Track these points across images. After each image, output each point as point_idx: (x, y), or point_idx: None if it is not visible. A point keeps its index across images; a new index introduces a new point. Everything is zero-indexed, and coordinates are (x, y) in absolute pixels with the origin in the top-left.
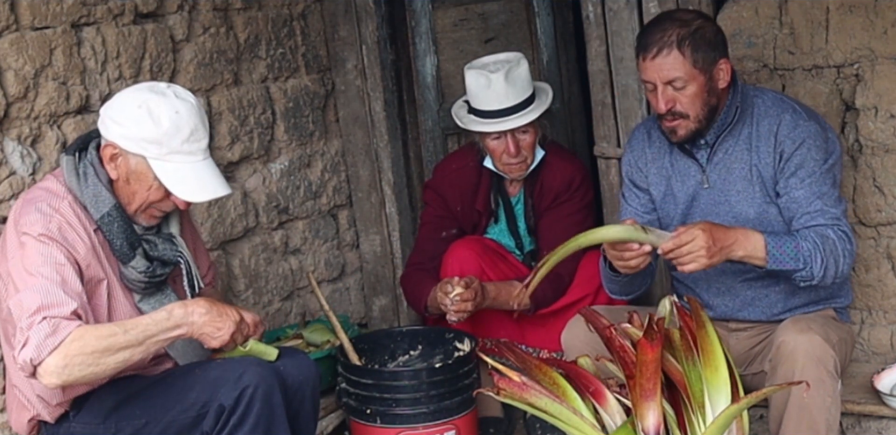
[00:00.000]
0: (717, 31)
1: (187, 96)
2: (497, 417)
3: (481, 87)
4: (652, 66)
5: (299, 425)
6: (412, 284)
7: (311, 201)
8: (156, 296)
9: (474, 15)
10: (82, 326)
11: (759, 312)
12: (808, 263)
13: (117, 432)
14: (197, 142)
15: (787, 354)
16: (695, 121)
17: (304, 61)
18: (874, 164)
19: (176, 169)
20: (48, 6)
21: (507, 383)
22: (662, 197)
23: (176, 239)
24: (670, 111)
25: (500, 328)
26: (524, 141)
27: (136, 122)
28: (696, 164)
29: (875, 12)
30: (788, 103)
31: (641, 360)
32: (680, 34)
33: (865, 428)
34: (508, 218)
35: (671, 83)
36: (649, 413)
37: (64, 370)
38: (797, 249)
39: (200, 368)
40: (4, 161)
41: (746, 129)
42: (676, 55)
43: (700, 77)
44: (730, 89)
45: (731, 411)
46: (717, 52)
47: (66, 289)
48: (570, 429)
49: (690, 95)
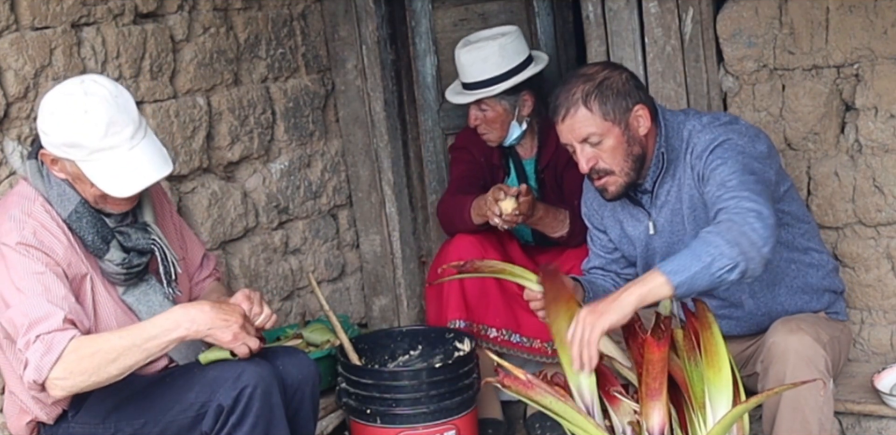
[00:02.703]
0: (628, 79)
1: (98, 89)
2: (496, 419)
3: (456, 62)
4: (564, 128)
5: (299, 425)
6: (452, 203)
7: (311, 201)
8: (139, 287)
9: (474, 15)
10: (77, 339)
11: (746, 329)
12: (711, 253)
13: (116, 432)
14: (117, 134)
15: (777, 354)
16: (622, 175)
17: (304, 61)
18: (874, 164)
19: (104, 166)
20: (48, 6)
21: (512, 381)
22: (619, 239)
23: (150, 227)
24: (594, 169)
25: (496, 317)
26: (485, 115)
27: (52, 129)
28: (642, 210)
29: (875, 12)
30: (701, 122)
31: (648, 359)
32: (584, 90)
33: (865, 428)
34: (519, 176)
35: (587, 140)
36: (654, 412)
37: (66, 382)
38: (691, 250)
39: (199, 368)
40: (4, 161)
41: (681, 165)
42: (584, 112)
43: (615, 129)
44: (657, 131)
45: (737, 411)
46: (630, 100)
47: (51, 297)
48: (574, 428)
49: (609, 149)
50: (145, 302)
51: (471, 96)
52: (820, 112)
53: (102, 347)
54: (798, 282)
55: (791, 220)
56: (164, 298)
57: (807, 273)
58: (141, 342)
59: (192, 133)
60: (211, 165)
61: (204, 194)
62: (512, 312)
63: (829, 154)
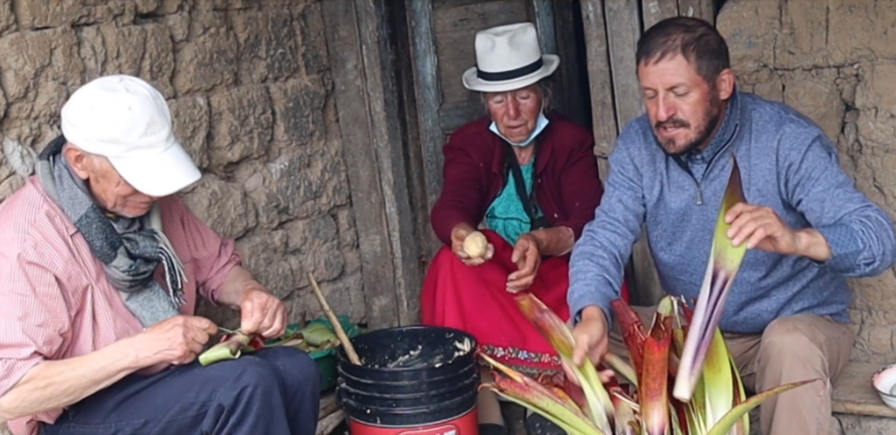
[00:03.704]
0: (721, 41)
1: (140, 88)
2: (496, 424)
3: (486, 50)
4: (655, 71)
5: (299, 425)
6: (441, 217)
7: (311, 201)
8: (143, 293)
9: (474, 15)
10: (38, 366)
11: (751, 327)
12: (866, 242)
13: (117, 432)
14: (155, 134)
15: (773, 354)
16: (695, 131)
17: (304, 61)
18: (874, 164)
19: (138, 164)
20: (48, 6)
21: (509, 384)
22: (655, 202)
23: (157, 235)
24: (671, 118)
25: (501, 334)
26: (525, 105)
27: (89, 123)
28: (690, 178)
29: (875, 12)
30: (787, 115)
31: (648, 359)
32: (685, 39)
33: (865, 428)
34: (518, 183)
35: (673, 89)
36: (654, 413)
37: (17, 408)
38: (850, 231)
39: (200, 367)
40: (4, 161)
41: (744, 145)
42: (681, 60)
43: (703, 85)
44: (729, 103)
45: (737, 411)
46: (721, 61)
47: (26, 326)
48: (571, 429)
49: (693, 103)
50: (149, 308)
51: (515, 83)
52: (820, 112)
53: (55, 379)
54: (815, 286)
55: None
56: (168, 305)
57: (816, 278)
58: (91, 374)
59: (192, 133)
60: (211, 165)
61: (204, 194)
62: (516, 327)
63: None
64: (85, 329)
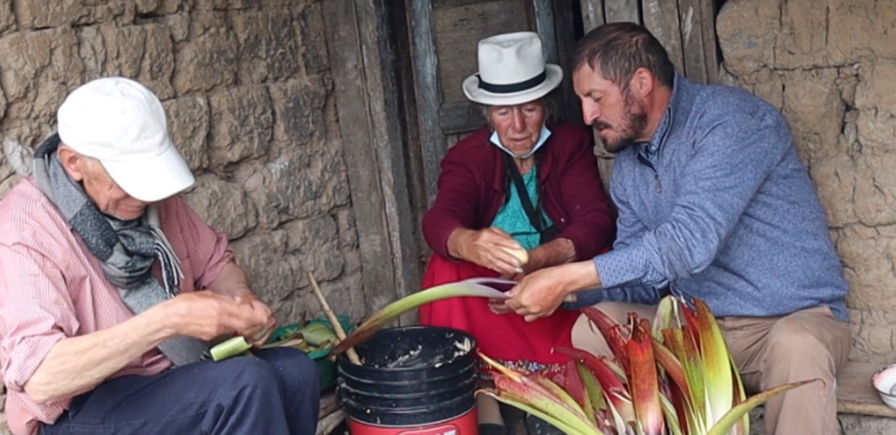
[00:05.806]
0: (640, 42)
1: (135, 92)
2: (496, 424)
3: (492, 61)
4: (574, 80)
5: (299, 425)
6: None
7: (311, 201)
8: (141, 289)
9: (474, 15)
10: (62, 342)
11: (751, 307)
12: (647, 266)
13: (116, 432)
14: (148, 138)
15: (781, 354)
16: (619, 130)
17: (304, 61)
18: (874, 164)
19: (131, 168)
20: (48, 6)
21: (508, 384)
22: (638, 205)
23: (154, 231)
24: (595, 121)
25: (509, 349)
26: (530, 118)
27: (82, 125)
28: (651, 170)
29: (875, 12)
30: (722, 96)
31: (634, 361)
32: (591, 47)
33: (865, 428)
34: (521, 195)
35: (589, 95)
36: (648, 413)
37: (48, 387)
38: (629, 259)
39: (199, 367)
40: (4, 161)
41: (687, 128)
42: (587, 68)
43: (614, 88)
44: (669, 95)
45: (737, 411)
46: (634, 62)
47: (43, 302)
48: (570, 429)
49: (609, 106)
50: (147, 304)
51: (523, 96)
52: (820, 112)
53: (86, 352)
54: (794, 265)
55: (784, 203)
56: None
57: (797, 255)
58: (124, 348)
59: (192, 133)
60: (211, 165)
61: (204, 194)
62: (525, 340)
63: (829, 154)
64: (86, 321)
